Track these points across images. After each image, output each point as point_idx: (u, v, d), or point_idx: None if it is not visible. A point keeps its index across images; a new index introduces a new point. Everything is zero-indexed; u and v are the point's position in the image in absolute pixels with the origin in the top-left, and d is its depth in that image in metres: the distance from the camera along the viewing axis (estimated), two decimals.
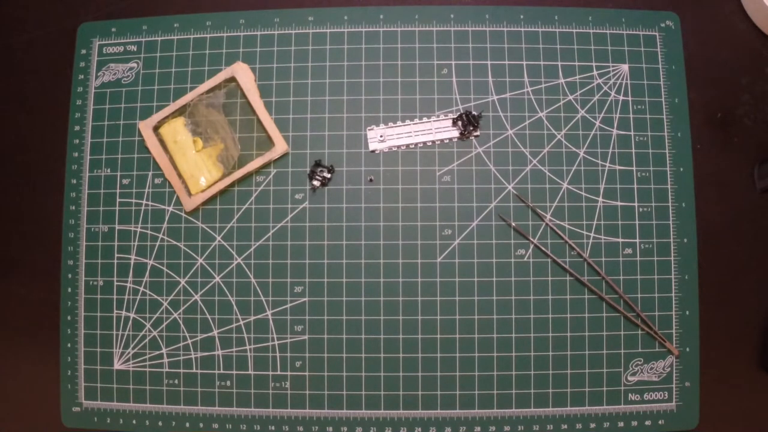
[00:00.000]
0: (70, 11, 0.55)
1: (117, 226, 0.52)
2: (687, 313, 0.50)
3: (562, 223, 0.51)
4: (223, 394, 0.50)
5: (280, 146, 0.51)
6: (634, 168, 0.51)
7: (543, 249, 0.50)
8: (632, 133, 0.52)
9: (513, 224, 0.50)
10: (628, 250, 0.50)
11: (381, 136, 0.52)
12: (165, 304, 0.51)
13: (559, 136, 0.51)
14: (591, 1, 0.53)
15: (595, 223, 0.51)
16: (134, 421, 0.50)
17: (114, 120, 0.53)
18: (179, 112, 0.52)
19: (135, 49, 0.53)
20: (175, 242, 0.51)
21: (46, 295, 0.52)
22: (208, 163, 0.51)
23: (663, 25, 0.53)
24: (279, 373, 0.50)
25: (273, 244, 0.51)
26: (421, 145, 0.52)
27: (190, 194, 0.51)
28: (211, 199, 0.51)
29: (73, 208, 0.52)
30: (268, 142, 0.52)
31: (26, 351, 0.52)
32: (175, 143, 0.51)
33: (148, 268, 0.51)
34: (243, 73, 0.52)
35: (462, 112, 0.52)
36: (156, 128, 0.52)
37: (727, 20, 0.53)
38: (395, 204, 0.51)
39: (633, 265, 0.50)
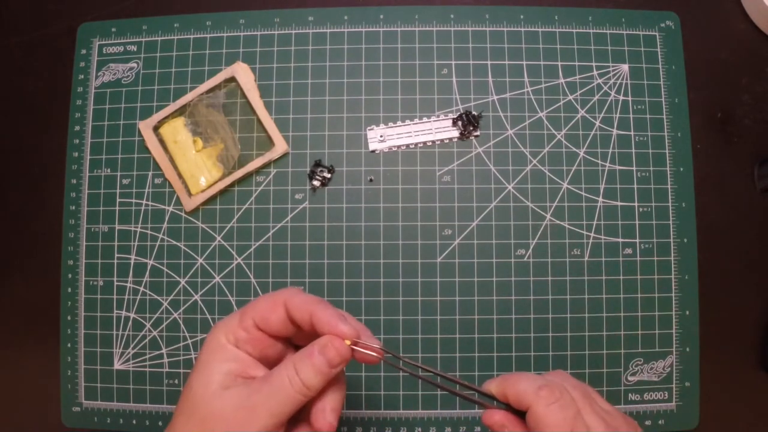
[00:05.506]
0: (70, 11, 0.55)
1: (117, 226, 0.52)
2: (687, 313, 0.50)
3: (562, 223, 0.51)
4: None
5: (280, 146, 0.51)
6: (634, 168, 0.51)
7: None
8: (632, 133, 0.51)
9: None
10: (628, 250, 0.50)
11: (381, 136, 0.52)
12: (165, 304, 0.51)
13: (559, 136, 0.51)
14: (591, 1, 0.53)
15: (595, 223, 0.51)
16: (134, 421, 0.50)
17: (114, 120, 0.53)
18: (179, 112, 0.52)
19: (135, 49, 0.53)
20: (175, 242, 0.51)
21: (46, 295, 0.52)
22: (208, 163, 0.51)
23: (663, 25, 0.53)
24: None
25: (273, 244, 0.51)
26: (421, 145, 0.52)
27: (190, 194, 0.51)
28: (211, 199, 0.51)
29: (73, 208, 0.52)
30: (268, 142, 0.52)
31: (26, 351, 0.52)
32: (175, 143, 0.51)
33: (148, 268, 0.51)
34: (243, 73, 0.52)
35: (462, 112, 0.52)
36: (156, 128, 0.52)
37: (727, 20, 0.53)
38: (395, 204, 0.51)
39: (633, 265, 0.50)
